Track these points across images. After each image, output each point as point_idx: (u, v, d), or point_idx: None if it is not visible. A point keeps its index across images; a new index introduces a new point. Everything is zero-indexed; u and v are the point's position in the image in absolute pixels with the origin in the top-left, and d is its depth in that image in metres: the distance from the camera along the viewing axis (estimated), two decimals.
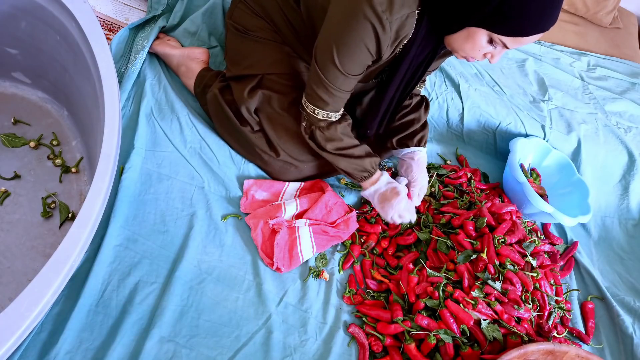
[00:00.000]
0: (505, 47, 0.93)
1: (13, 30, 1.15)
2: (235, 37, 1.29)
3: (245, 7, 1.27)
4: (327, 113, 1.10)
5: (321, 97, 1.07)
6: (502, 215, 1.35)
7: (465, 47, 0.96)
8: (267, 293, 1.13)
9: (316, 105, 1.09)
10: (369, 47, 0.97)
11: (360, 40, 0.95)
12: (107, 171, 0.87)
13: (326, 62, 1.01)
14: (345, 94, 1.08)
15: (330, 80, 1.03)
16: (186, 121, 1.29)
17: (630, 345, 1.31)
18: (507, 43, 0.91)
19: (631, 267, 1.58)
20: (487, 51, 0.96)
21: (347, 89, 1.06)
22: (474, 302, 1.11)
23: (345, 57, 0.98)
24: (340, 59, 0.99)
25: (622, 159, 1.74)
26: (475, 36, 0.92)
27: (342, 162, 1.17)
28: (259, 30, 1.25)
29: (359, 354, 1.11)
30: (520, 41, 0.90)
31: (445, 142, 1.68)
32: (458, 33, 0.95)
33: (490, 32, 0.90)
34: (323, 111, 1.10)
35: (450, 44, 1.00)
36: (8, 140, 1.21)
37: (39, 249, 1.09)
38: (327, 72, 1.02)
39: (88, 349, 0.94)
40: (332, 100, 1.07)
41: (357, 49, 0.97)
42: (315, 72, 1.04)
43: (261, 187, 1.28)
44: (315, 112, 1.10)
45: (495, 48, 0.95)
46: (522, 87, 1.83)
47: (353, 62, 0.99)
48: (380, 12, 0.91)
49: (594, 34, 2.35)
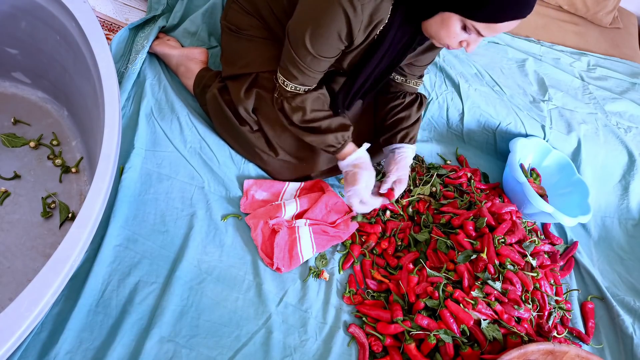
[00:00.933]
0: (480, 35, 0.93)
1: (13, 30, 1.15)
2: (230, 38, 1.30)
3: (237, 7, 1.27)
4: (296, 86, 1.11)
5: (292, 72, 1.08)
6: (502, 215, 1.35)
7: (440, 33, 0.97)
8: (267, 293, 1.13)
9: (287, 78, 1.10)
10: (340, 31, 0.97)
11: (331, 24, 0.96)
12: (107, 171, 0.87)
13: (298, 42, 1.02)
14: (317, 74, 1.09)
15: (302, 59, 1.04)
16: (186, 121, 1.29)
17: (630, 345, 1.31)
18: (480, 30, 0.91)
19: (631, 267, 1.58)
20: (462, 38, 0.96)
21: (318, 69, 1.07)
22: (474, 302, 1.11)
23: (317, 39, 0.99)
24: (311, 41, 1.00)
25: (622, 159, 1.74)
26: (449, 22, 0.92)
27: (308, 136, 1.16)
28: (251, 28, 1.26)
29: (359, 354, 1.11)
30: (494, 28, 0.90)
31: (445, 142, 1.68)
32: (433, 18, 0.95)
33: (464, 17, 0.90)
34: (292, 84, 1.11)
35: (426, 29, 1.00)
36: (8, 140, 1.21)
37: (39, 249, 1.09)
38: (299, 52, 1.03)
39: (88, 349, 0.94)
40: (303, 77, 1.09)
41: (328, 33, 0.98)
42: (288, 49, 1.05)
43: (261, 187, 1.28)
44: (285, 83, 1.11)
45: (469, 35, 0.94)
46: (522, 87, 1.83)
47: (324, 45, 1.01)
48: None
49: (594, 34, 2.35)
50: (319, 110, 1.15)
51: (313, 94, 1.14)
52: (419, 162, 1.54)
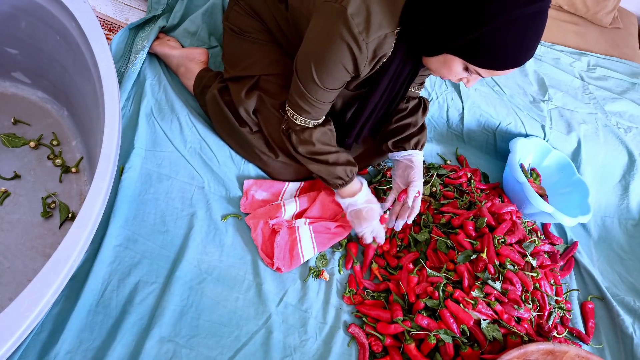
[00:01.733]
0: (480, 76, 0.94)
1: (13, 30, 1.15)
2: (232, 39, 1.30)
3: (240, 9, 1.27)
4: (305, 119, 1.12)
5: (301, 106, 1.09)
6: (502, 215, 1.35)
7: (442, 71, 0.98)
8: (267, 293, 1.13)
9: (296, 111, 1.11)
10: (347, 66, 0.98)
11: (337, 60, 0.97)
12: (107, 171, 0.87)
13: (306, 76, 1.03)
14: (324, 105, 1.10)
15: (310, 92, 1.05)
16: (186, 121, 1.29)
17: (630, 345, 1.31)
18: (481, 73, 0.92)
19: (631, 267, 1.58)
20: (462, 76, 0.97)
21: (326, 100, 1.08)
22: (474, 302, 1.11)
23: (324, 74, 1.00)
24: (318, 75, 1.01)
25: (622, 159, 1.74)
26: (452, 63, 0.93)
27: (314, 165, 1.17)
28: (254, 31, 1.26)
29: (359, 354, 1.11)
30: (495, 73, 0.92)
31: (445, 142, 1.68)
32: (434, 57, 0.96)
33: (466, 62, 0.91)
34: (302, 117, 1.11)
35: (427, 64, 1.01)
36: (8, 140, 1.21)
37: (39, 249, 1.09)
38: (307, 85, 1.04)
39: (88, 349, 0.94)
40: (312, 110, 1.09)
41: (335, 68, 0.99)
42: (296, 82, 1.06)
43: (261, 187, 1.28)
44: (294, 117, 1.12)
45: (470, 75, 0.96)
46: (522, 87, 1.83)
47: (331, 78, 1.02)
48: (356, 34, 0.92)
49: (594, 34, 2.35)
50: (327, 144, 1.16)
51: (321, 128, 1.15)
52: None
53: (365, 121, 1.20)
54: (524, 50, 0.86)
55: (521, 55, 0.87)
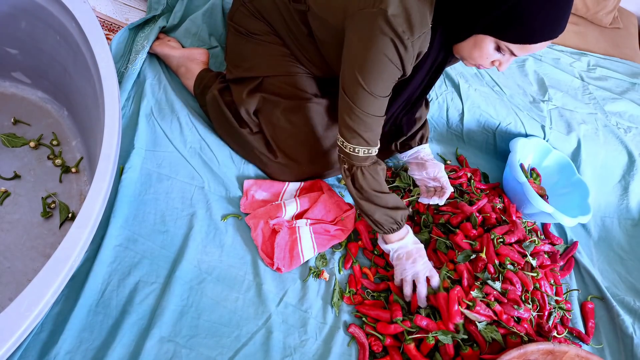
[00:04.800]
0: (513, 55, 0.93)
1: (13, 30, 1.15)
2: (236, 39, 1.29)
3: (246, 10, 1.27)
4: (367, 148, 1.07)
5: (356, 129, 1.04)
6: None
7: (474, 55, 0.97)
8: (267, 293, 1.13)
9: (354, 141, 1.06)
10: (395, 64, 0.96)
11: (385, 59, 0.95)
12: (107, 171, 0.87)
13: (354, 89, 1.00)
14: (379, 120, 1.05)
15: (362, 107, 1.01)
16: (186, 121, 1.29)
17: (630, 345, 1.31)
18: (514, 50, 0.91)
19: (631, 267, 1.58)
20: (494, 58, 0.96)
21: (379, 113, 1.04)
22: (472, 303, 1.11)
23: (372, 77, 0.97)
24: (366, 81, 0.97)
25: (622, 159, 1.74)
26: (483, 44, 0.93)
27: (378, 213, 1.12)
28: (261, 33, 1.25)
29: (359, 354, 1.11)
30: (528, 48, 0.90)
31: (445, 142, 1.68)
32: (466, 41, 0.96)
33: (497, 39, 0.90)
34: (362, 147, 1.07)
35: (459, 51, 1.01)
36: (8, 140, 1.21)
37: (39, 249, 1.09)
38: (357, 99, 1.00)
39: (88, 349, 0.94)
40: (368, 128, 1.04)
41: (382, 68, 0.96)
42: (346, 103, 1.02)
43: (261, 187, 1.28)
44: (356, 150, 1.06)
45: (503, 56, 0.95)
46: (522, 87, 1.83)
47: (380, 82, 0.98)
48: (400, 33, 0.91)
49: (594, 34, 2.35)
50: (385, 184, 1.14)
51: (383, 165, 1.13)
52: None
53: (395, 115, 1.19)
54: (556, 20, 0.85)
55: (553, 26, 0.86)
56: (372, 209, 1.12)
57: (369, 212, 1.12)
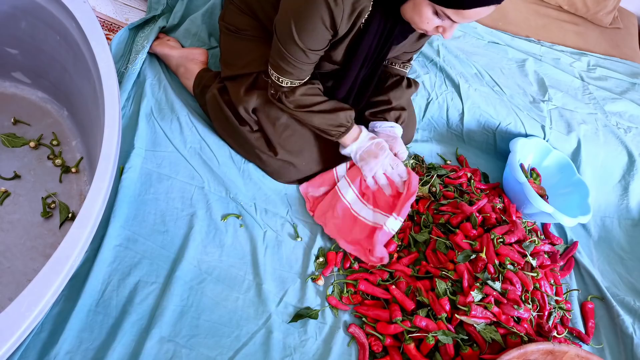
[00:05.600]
0: (453, 22, 0.94)
1: (13, 30, 1.15)
2: (228, 38, 1.30)
3: (234, 7, 1.28)
4: (290, 81, 1.12)
5: (284, 68, 1.09)
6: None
7: (414, 18, 0.98)
8: (267, 293, 1.13)
9: (280, 74, 1.11)
10: (325, 21, 0.98)
11: (316, 15, 0.97)
12: (107, 171, 0.87)
13: (286, 37, 1.03)
14: (307, 66, 1.10)
15: (291, 54, 1.05)
16: (186, 121, 1.29)
17: (630, 345, 1.31)
18: (450, 15, 0.92)
19: (631, 267, 1.58)
20: (436, 24, 0.97)
21: (308, 62, 1.08)
22: (467, 308, 1.11)
23: (303, 32, 1.00)
24: (299, 35, 1.01)
25: (622, 159, 1.74)
26: (421, 7, 0.94)
27: (316, 118, 1.17)
28: (249, 28, 1.26)
29: (359, 354, 1.11)
30: (463, 14, 0.90)
31: (445, 142, 1.68)
32: (407, 3, 0.97)
33: (433, 2, 0.91)
34: (287, 79, 1.11)
35: (404, 14, 1.01)
36: (8, 140, 1.21)
37: (39, 249, 1.09)
38: (288, 47, 1.04)
39: (88, 349, 0.94)
40: (295, 71, 1.09)
41: (314, 24, 0.99)
42: (277, 45, 1.06)
43: (313, 184, 1.32)
44: (280, 80, 1.12)
45: (443, 21, 0.95)
46: (522, 87, 1.83)
47: (311, 37, 1.02)
48: None
49: (594, 34, 2.35)
50: (317, 95, 1.17)
51: (308, 85, 1.15)
52: (418, 162, 1.54)
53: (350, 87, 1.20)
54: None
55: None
56: (308, 117, 1.17)
57: (308, 120, 1.18)
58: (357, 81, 1.19)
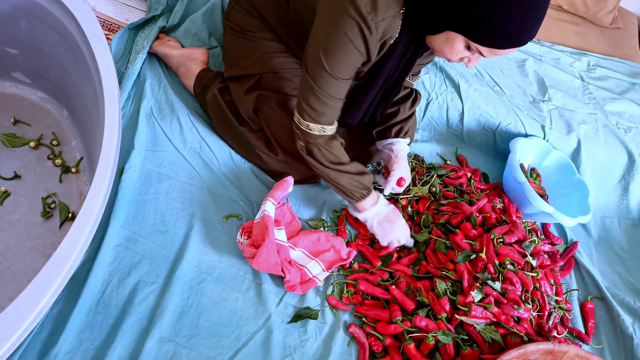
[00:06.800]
0: (482, 55, 0.94)
1: (13, 30, 1.15)
2: (233, 38, 1.30)
3: (240, 8, 1.27)
4: (322, 127, 1.08)
5: (314, 107, 1.05)
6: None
7: (444, 50, 0.98)
8: (267, 293, 1.13)
9: (310, 118, 1.07)
10: (358, 47, 0.96)
11: (347, 40, 0.95)
12: (107, 171, 0.87)
13: (316, 69, 1.00)
14: (338, 103, 1.06)
15: (322, 88, 1.02)
16: (186, 121, 1.29)
17: (630, 345, 1.31)
18: (483, 52, 0.92)
19: (631, 267, 1.58)
20: (464, 55, 0.97)
21: (339, 95, 1.05)
22: (467, 308, 1.11)
23: (334, 59, 0.98)
24: (329, 62, 0.98)
25: (621, 159, 1.74)
26: (454, 41, 0.94)
27: (344, 178, 1.15)
28: (256, 30, 1.26)
29: (359, 354, 1.11)
30: (496, 52, 0.91)
31: (445, 142, 1.68)
32: (439, 35, 0.96)
33: (468, 39, 0.91)
34: (318, 125, 1.08)
35: (431, 43, 1.01)
36: (8, 140, 1.21)
37: (39, 249, 1.09)
38: (318, 79, 1.01)
39: (88, 349, 0.94)
40: (326, 109, 1.05)
41: (345, 50, 0.97)
42: (307, 81, 1.03)
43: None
44: (310, 127, 1.08)
45: (472, 54, 0.96)
46: (522, 87, 1.83)
47: (342, 64, 0.99)
48: (365, 13, 0.91)
49: (594, 34, 2.35)
50: (344, 154, 1.16)
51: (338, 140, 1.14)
52: (419, 162, 1.54)
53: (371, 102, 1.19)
54: (525, 28, 0.86)
55: (523, 33, 0.87)
56: (337, 176, 1.15)
57: (336, 180, 1.16)
58: (376, 98, 1.18)
